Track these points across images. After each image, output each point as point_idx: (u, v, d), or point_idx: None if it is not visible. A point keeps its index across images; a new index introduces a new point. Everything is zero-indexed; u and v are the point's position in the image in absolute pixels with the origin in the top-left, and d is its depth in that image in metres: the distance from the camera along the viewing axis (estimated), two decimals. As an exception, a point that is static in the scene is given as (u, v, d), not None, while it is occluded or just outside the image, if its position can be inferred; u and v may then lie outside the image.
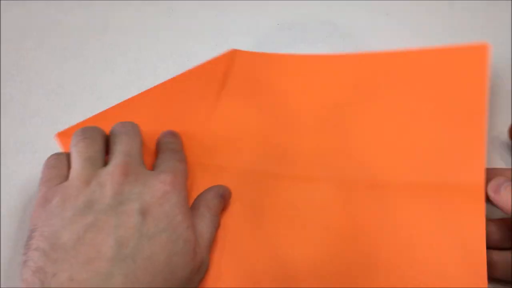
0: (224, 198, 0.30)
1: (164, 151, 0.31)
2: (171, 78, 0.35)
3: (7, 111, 0.36)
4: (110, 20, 0.41)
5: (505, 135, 0.33)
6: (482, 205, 0.27)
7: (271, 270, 0.29)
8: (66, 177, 0.27)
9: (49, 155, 0.29)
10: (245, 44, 0.39)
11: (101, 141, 0.29)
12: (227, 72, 0.36)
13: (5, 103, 0.37)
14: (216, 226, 0.29)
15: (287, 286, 0.28)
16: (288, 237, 0.29)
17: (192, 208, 0.29)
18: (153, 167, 0.30)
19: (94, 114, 0.33)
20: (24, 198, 0.32)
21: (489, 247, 0.27)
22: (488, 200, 0.27)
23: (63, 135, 0.31)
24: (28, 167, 0.33)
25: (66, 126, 0.32)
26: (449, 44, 0.33)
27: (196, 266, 0.26)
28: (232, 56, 0.37)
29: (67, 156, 0.28)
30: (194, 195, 0.31)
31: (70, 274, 0.23)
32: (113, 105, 0.34)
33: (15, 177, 0.32)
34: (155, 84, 0.35)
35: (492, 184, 0.27)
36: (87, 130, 0.28)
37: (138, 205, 0.26)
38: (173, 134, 0.33)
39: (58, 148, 0.31)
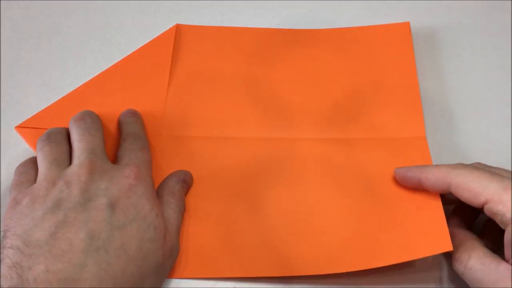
0: (186, 182, 0.32)
1: (125, 138, 0.32)
2: (123, 59, 0.37)
3: (7, 111, 0.37)
4: (110, 20, 0.41)
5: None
6: (426, 151, 0.33)
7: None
8: (35, 181, 0.28)
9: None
10: (245, 44, 0.39)
11: (65, 142, 0.30)
12: (175, 46, 0.38)
13: (5, 103, 0.37)
14: (182, 210, 0.31)
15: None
16: (253, 190, 0.32)
17: (157, 197, 0.30)
18: (116, 157, 0.31)
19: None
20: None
21: None
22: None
23: (23, 127, 0.34)
24: (28, 167, 0.33)
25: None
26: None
27: (167, 251, 0.28)
28: (177, 31, 0.39)
29: (35, 162, 0.30)
30: (163, 166, 0.32)
31: (45, 266, 0.24)
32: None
33: (15, 177, 0.32)
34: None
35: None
36: (51, 134, 0.30)
37: (107, 199, 0.27)
38: (133, 113, 0.34)
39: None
